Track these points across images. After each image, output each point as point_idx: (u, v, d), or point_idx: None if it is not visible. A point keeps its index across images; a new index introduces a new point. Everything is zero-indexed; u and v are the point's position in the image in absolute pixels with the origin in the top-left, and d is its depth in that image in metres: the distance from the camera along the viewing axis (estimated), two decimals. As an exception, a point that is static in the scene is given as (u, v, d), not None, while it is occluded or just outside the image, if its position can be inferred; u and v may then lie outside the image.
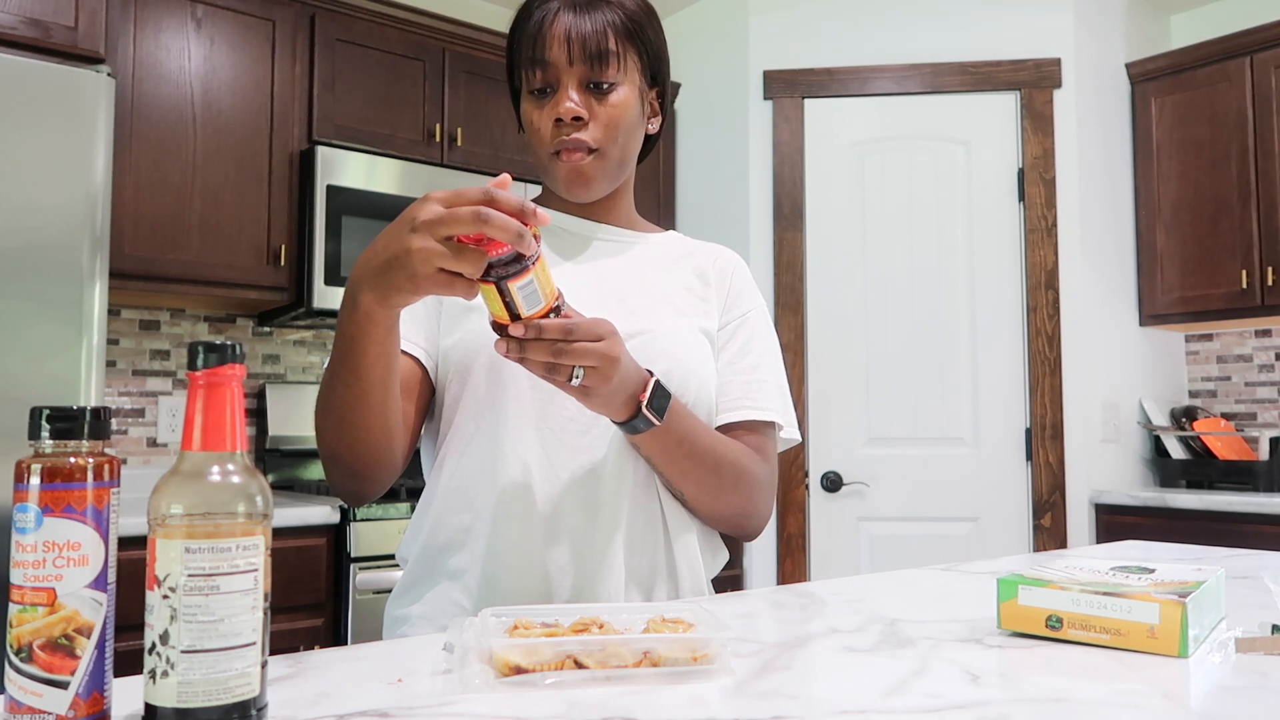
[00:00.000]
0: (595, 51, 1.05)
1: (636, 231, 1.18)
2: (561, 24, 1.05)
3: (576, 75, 1.05)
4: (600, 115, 1.06)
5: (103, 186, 2.18)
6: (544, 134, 1.06)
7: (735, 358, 1.15)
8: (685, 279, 1.16)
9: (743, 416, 1.12)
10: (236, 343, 0.65)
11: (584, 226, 1.14)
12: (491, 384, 1.05)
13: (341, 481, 1.01)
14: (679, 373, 1.06)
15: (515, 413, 1.04)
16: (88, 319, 2.13)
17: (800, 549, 3.20)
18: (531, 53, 1.05)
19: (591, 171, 1.07)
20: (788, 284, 3.27)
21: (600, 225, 1.15)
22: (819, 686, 0.73)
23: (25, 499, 0.60)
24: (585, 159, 1.06)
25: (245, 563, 0.62)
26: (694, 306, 1.14)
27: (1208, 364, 3.56)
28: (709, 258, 1.20)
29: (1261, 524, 2.76)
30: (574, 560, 1.05)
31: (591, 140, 1.06)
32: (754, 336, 1.17)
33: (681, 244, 1.21)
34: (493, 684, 0.72)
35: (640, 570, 1.08)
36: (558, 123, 1.05)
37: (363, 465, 0.98)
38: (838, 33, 3.33)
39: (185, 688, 0.59)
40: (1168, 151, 3.33)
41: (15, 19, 2.24)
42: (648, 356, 1.02)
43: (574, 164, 1.06)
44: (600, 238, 1.15)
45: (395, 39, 2.97)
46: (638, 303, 1.10)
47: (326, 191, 2.73)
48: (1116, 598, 0.83)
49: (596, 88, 1.06)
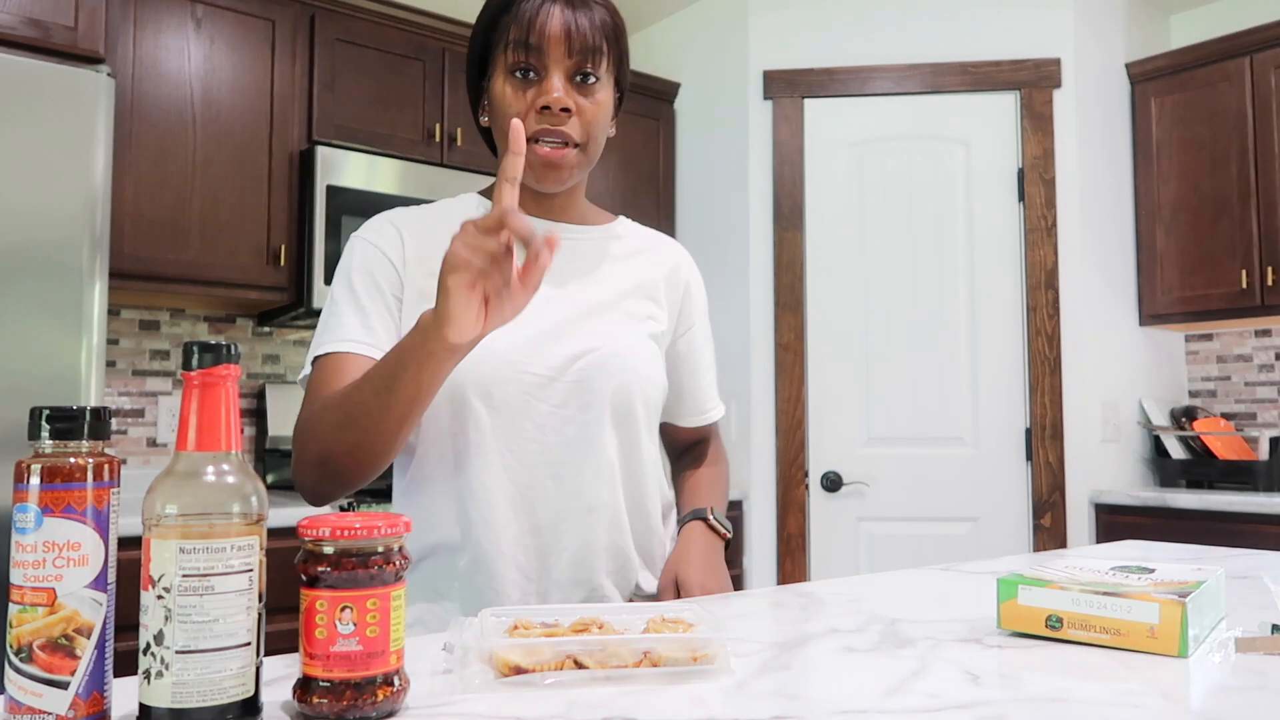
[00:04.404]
0: (589, 47, 1.06)
1: (589, 225, 1.20)
2: (559, 16, 1.05)
3: (566, 68, 1.06)
4: (585, 110, 1.08)
5: (103, 186, 2.18)
6: (523, 118, 1.05)
7: (694, 364, 1.27)
8: (637, 277, 1.20)
9: (708, 420, 1.31)
10: (232, 343, 0.65)
11: (543, 226, 1.15)
12: (453, 414, 1.07)
13: (319, 482, 1.01)
14: (631, 386, 1.11)
15: (476, 441, 1.07)
16: (88, 319, 2.13)
17: (800, 549, 3.20)
18: (524, 37, 1.05)
19: (569, 164, 1.08)
20: (787, 284, 3.26)
21: (560, 224, 1.17)
22: (819, 686, 0.73)
23: (25, 499, 0.60)
24: (567, 151, 1.07)
25: (240, 563, 0.62)
26: (644, 308, 1.18)
27: (1208, 364, 3.56)
28: (661, 256, 1.24)
29: (1261, 524, 2.76)
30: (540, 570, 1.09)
31: (574, 134, 1.07)
32: (706, 340, 1.30)
33: (633, 236, 1.24)
34: (493, 684, 0.71)
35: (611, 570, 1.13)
36: (543, 110, 1.05)
37: (357, 468, 0.99)
38: (838, 33, 3.33)
39: (180, 688, 0.59)
40: (1167, 151, 3.33)
41: (15, 19, 2.24)
42: (604, 372, 1.09)
43: (554, 154, 1.07)
44: (563, 236, 1.16)
45: (395, 39, 2.97)
46: (594, 316, 1.13)
47: (326, 191, 2.73)
48: (1116, 598, 0.83)
49: (583, 81, 1.07)
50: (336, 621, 0.64)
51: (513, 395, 1.06)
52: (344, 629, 0.64)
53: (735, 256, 3.35)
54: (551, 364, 1.08)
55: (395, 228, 1.11)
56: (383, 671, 0.65)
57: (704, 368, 1.29)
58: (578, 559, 1.09)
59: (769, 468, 3.25)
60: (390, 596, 0.66)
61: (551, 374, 1.07)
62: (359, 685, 0.64)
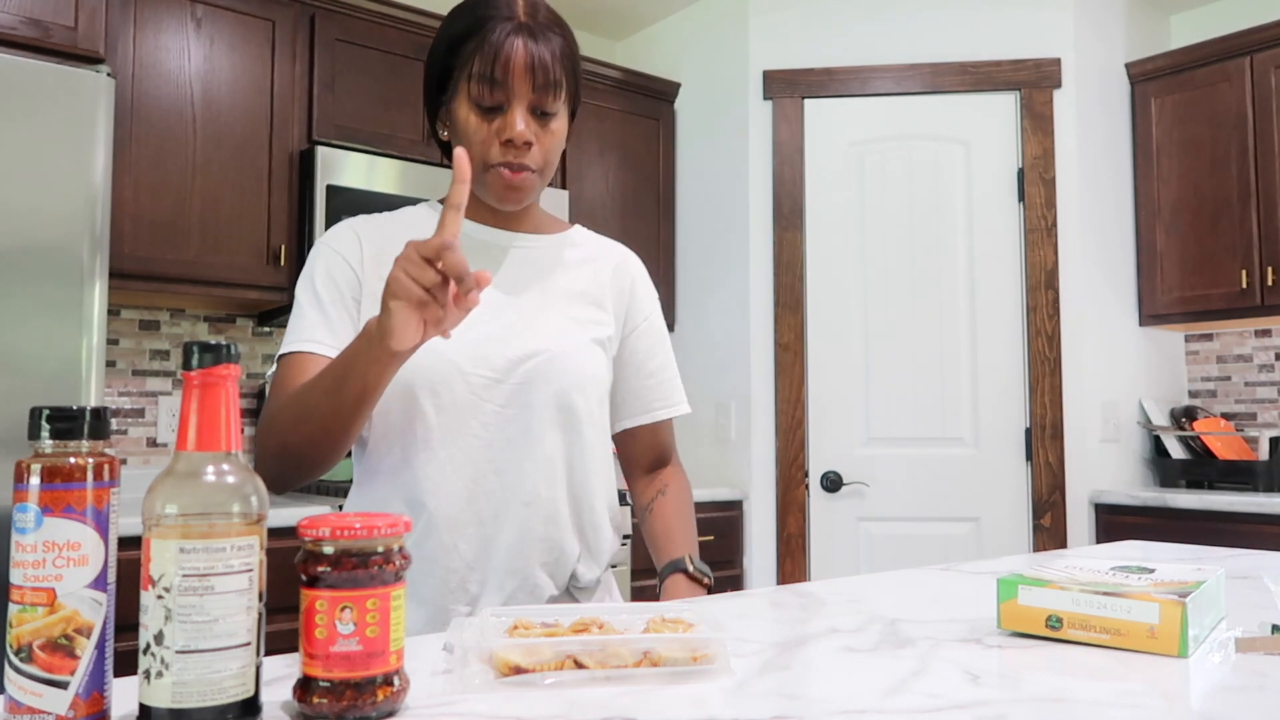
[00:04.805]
0: (547, 81, 1.12)
1: (544, 235, 1.26)
2: (521, 50, 1.11)
3: (528, 101, 1.13)
4: (543, 140, 1.15)
5: (103, 186, 2.18)
6: (487, 147, 1.13)
7: (644, 360, 1.30)
8: (584, 283, 1.26)
9: (663, 416, 1.32)
10: (232, 343, 0.65)
11: (502, 237, 1.22)
12: (403, 411, 1.13)
13: (280, 472, 1.08)
14: (571, 388, 1.17)
15: (424, 438, 1.13)
16: (88, 319, 2.13)
17: (800, 549, 3.20)
18: (489, 72, 1.11)
19: (529, 187, 1.16)
20: (787, 284, 3.26)
21: (516, 234, 1.23)
22: (819, 686, 0.73)
23: (25, 499, 0.60)
24: (526, 175, 1.15)
25: (240, 563, 0.62)
26: (589, 314, 1.24)
27: (1208, 364, 3.56)
28: (610, 263, 1.30)
29: (1261, 524, 2.76)
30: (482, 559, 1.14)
31: (533, 163, 1.15)
32: (657, 339, 1.32)
33: (585, 245, 1.31)
34: (493, 684, 0.71)
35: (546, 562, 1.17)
36: (507, 143, 1.12)
37: (312, 460, 1.06)
38: (838, 33, 3.33)
39: (180, 688, 0.59)
40: (1167, 151, 3.33)
41: (15, 19, 2.24)
42: (547, 374, 1.15)
43: (515, 178, 1.14)
44: (517, 245, 1.23)
45: (395, 39, 2.97)
46: (541, 321, 1.20)
47: (326, 191, 2.72)
48: (1116, 598, 0.83)
49: (543, 115, 1.14)
50: (336, 621, 0.64)
51: (460, 395, 1.13)
52: (344, 629, 0.64)
53: (735, 256, 3.35)
54: (498, 366, 1.14)
55: (355, 234, 1.19)
56: (383, 671, 0.65)
57: (653, 368, 1.31)
58: (514, 550, 1.15)
59: (769, 468, 3.25)
60: (390, 596, 0.66)
61: (498, 375, 1.14)
62: (359, 685, 0.65)
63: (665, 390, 1.32)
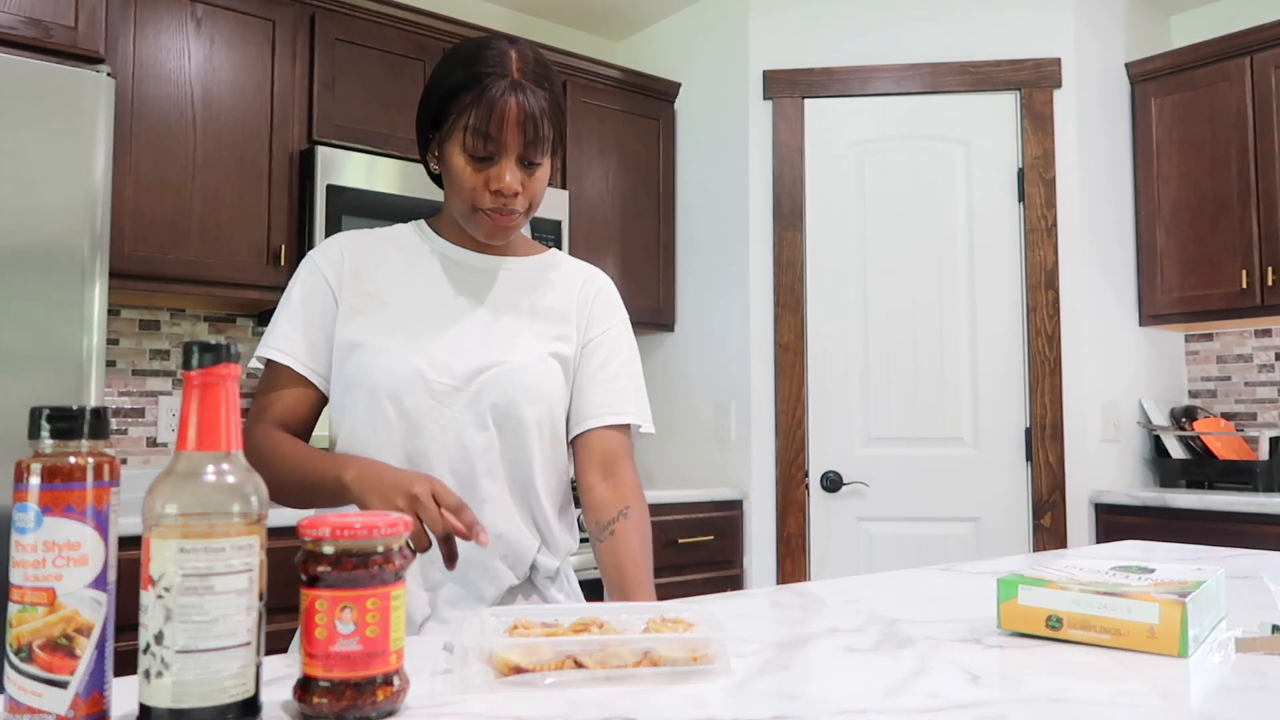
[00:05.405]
0: (535, 137, 1.20)
1: (521, 257, 1.36)
2: (514, 108, 1.18)
3: (517, 153, 1.21)
4: (530, 186, 1.24)
5: (103, 186, 2.18)
6: (477, 193, 1.22)
7: (598, 370, 1.34)
8: (552, 302, 1.34)
9: (605, 422, 1.33)
10: (232, 342, 0.65)
11: (490, 262, 1.32)
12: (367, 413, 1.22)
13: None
14: (520, 400, 1.24)
15: (386, 440, 1.21)
16: (88, 319, 2.13)
17: (800, 549, 3.20)
18: (484, 127, 1.19)
19: (515, 226, 1.26)
20: (787, 284, 3.26)
21: (503, 259, 1.33)
22: (819, 686, 0.73)
23: (25, 499, 0.60)
24: (514, 217, 1.25)
25: (240, 563, 0.62)
26: (553, 330, 1.32)
27: (1207, 364, 3.56)
28: (576, 282, 1.37)
29: (1261, 524, 2.76)
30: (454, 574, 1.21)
31: (519, 207, 1.24)
32: (614, 350, 1.36)
33: (559, 267, 1.38)
34: (493, 684, 0.71)
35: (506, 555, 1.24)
36: (496, 192, 1.21)
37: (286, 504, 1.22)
38: (838, 33, 3.33)
39: (180, 688, 0.59)
40: (1168, 151, 3.33)
41: (15, 19, 2.24)
42: (501, 384, 1.23)
43: (503, 220, 1.24)
44: (505, 269, 1.33)
45: (395, 39, 2.97)
46: (508, 336, 1.28)
47: (326, 191, 2.73)
48: (1116, 598, 0.83)
49: (530, 164, 1.23)
50: (336, 621, 0.64)
51: (421, 400, 1.21)
52: (344, 629, 0.64)
53: (735, 256, 3.35)
54: (458, 374, 1.22)
55: (340, 250, 1.29)
56: (383, 671, 0.65)
57: (606, 376, 1.33)
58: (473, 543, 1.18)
59: (769, 468, 3.25)
60: (390, 596, 0.66)
61: (457, 383, 1.22)
62: (359, 685, 0.65)
63: (614, 400, 1.32)
